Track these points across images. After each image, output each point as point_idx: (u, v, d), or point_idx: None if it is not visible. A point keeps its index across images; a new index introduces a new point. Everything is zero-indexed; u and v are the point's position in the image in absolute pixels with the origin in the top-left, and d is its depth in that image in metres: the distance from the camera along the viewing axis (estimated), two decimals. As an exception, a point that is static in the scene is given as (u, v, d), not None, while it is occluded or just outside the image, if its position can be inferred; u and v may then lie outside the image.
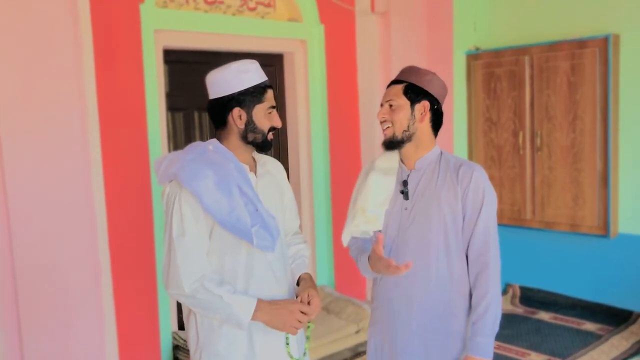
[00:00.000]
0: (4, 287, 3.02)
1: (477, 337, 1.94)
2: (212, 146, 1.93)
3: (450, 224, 1.97)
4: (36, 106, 3.04)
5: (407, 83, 2.01)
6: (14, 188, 2.98)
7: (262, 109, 1.92)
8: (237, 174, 1.87)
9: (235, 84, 1.88)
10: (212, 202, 1.80)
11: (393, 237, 2.05)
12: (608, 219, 4.37)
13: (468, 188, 1.95)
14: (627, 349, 3.96)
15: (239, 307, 1.81)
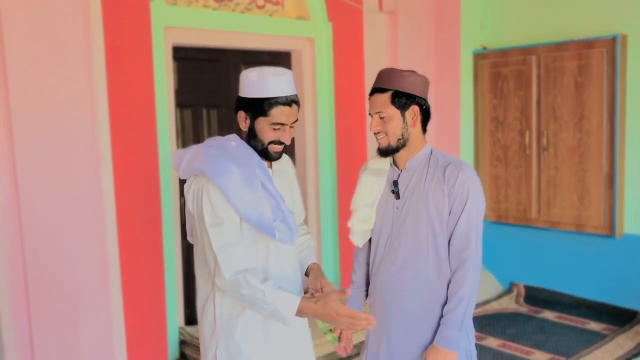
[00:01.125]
0: (15, 281, 3.06)
1: (445, 329, 1.99)
2: (235, 142, 1.96)
3: (437, 222, 2.01)
4: (47, 101, 3.08)
5: (392, 91, 2.01)
6: (25, 182, 3.02)
7: (265, 123, 1.92)
8: (259, 171, 1.91)
9: (249, 90, 1.91)
10: (237, 197, 1.84)
11: (388, 234, 2.11)
12: (614, 219, 4.38)
13: (454, 187, 1.99)
14: (632, 348, 3.97)
15: (283, 306, 1.80)
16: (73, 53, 3.15)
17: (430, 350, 2.01)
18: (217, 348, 1.96)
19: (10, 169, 3.01)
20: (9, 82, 2.95)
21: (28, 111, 3.02)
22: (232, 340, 1.93)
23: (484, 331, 4.33)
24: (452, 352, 2.00)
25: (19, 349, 3.10)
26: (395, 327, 2.10)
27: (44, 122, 3.07)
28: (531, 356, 3.90)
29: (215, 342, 1.96)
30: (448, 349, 1.99)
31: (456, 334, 2.00)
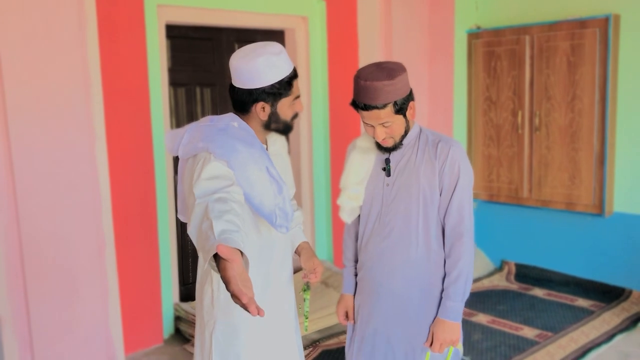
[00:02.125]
0: (11, 260, 3.09)
1: (447, 302, 2.06)
2: (237, 123, 1.90)
3: (429, 198, 2.06)
4: (41, 80, 3.08)
5: (392, 103, 1.99)
6: (20, 161, 3.04)
7: (288, 102, 1.91)
8: (265, 155, 1.87)
9: (261, 80, 1.83)
10: (243, 178, 1.79)
11: (378, 211, 2.15)
12: (603, 198, 4.44)
13: (445, 163, 2.03)
14: (618, 324, 4.05)
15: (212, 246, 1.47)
16: (66, 31, 3.15)
17: (437, 324, 2.08)
18: (214, 327, 1.98)
19: (5, 149, 3.03)
20: (2, 61, 2.95)
21: (21, 90, 3.02)
22: (230, 322, 1.95)
23: (474, 308, 4.40)
24: (457, 323, 2.08)
25: (16, 326, 3.14)
26: (383, 302, 2.15)
27: (37, 101, 3.08)
28: (519, 331, 3.98)
29: (213, 321, 1.98)
30: (453, 321, 2.06)
31: (459, 305, 2.07)
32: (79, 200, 3.29)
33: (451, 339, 2.08)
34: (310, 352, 3.71)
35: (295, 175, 4.78)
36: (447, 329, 2.07)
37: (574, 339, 3.85)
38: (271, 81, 1.84)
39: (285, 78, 1.87)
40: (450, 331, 2.07)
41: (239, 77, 1.87)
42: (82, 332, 3.34)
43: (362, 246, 2.23)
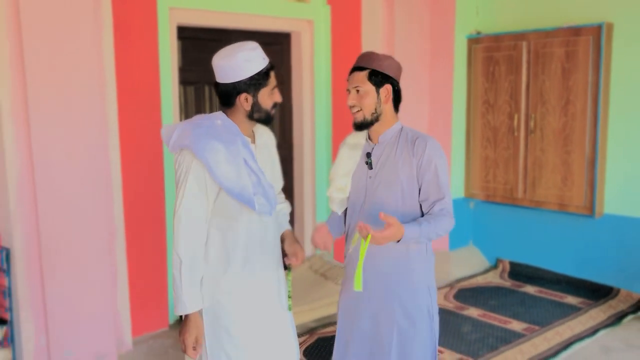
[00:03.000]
0: (29, 242, 3.31)
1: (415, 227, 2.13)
2: (221, 120, 2.14)
3: (407, 191, 2.25)
4: (60, 77, 3.30)
5: (370, 69, 2.25)
6: (39, 152, 3.26)
7: (267, 91, 2.16)
8: (243, 149, 2.11)
9: (242, 73, 2.09)
10: (221, 173, 2.04)
11: (362, 201, 2.35)
12: (594, 200, 4.61)
13: (422, 159, 2.23)
14: (603, 320, 4.22)
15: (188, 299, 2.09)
16: (84, 32, 3.36)
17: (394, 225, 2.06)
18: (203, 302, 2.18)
19: (26, 141, 3.25)
20: (25, 59, 3.17)
21: (42, 87, 3.24)
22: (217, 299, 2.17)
23: (466, 302, 4.59)
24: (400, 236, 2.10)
25: (33, 307, 3.36)
26: (368, 285, 2.35)
27: (56, 97, 3.30)
28: (508, 325, 4.16)
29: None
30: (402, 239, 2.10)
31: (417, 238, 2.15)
32: (93, 191, 3.50)
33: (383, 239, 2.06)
34: (307, 338, 3.91)
35: (297, 172, 5.01)
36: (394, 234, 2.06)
37: (559, 332, 4.02)
38: (250, 73, 2.10)
39: (262, 70, 2.12)
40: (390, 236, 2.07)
41: (222, 74, 2.13)
42: (93, 315, 3.56)
43: (348, 234, 2.43)
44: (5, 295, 3.18)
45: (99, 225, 3.54)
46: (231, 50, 2.12)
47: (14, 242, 3.26)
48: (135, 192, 3.85)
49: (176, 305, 2.12)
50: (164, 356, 3.76)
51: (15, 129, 3.22)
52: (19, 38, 3.17)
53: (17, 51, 3.18)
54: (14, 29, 3.16)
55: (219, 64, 2.12)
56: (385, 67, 2.26)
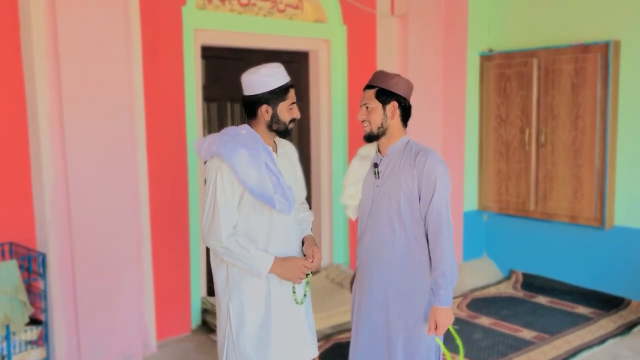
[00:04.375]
0: (62, 252, 3.54)
1: (441, 291, 2.41)
2: (245, 130, 2.41)
3: (407, 202, 2.42)
4: (93, 94, 3.56)
5: (377, 88, 2.46)
6: (73, 165, 3.50)
7: (285, 106, 2.41)
8: (264, 153, 2.36)
9: (264, 86, 2.36)
10: (245, 174, 2.30)
11: (369, 208, 2.55)
12: (604, 212, 4.72)
13: (422, 172, 2.39)
14: (613, 329, 4.32)
15: (261, 261, 2.34)
16: (115, 53, 3.62)
17: (436, 312, 2.40)
18: (230, 299, 2.41)
19: (61, 154, 3.50)
20: (62, 78, 3.43)
21: (76, 103, 3.50)
22: (242, 299, 2.40)
23: (479, 311, 4.72)
24: (450, 308, 2.42)
25: (65, 310, 3.58)
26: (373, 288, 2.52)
27: (88, 112, 3.55)
28: (518, 333, 4.28)
29: (229, 293, 2.41)
30: (447, 306, 2.41)
31: (450, 293, 2.41)
32: (121, 200, 3.73)
33: (450, 321, 2.43)
34: (323, 344, 4.07)
35: (315, 184, 5.21)
36: (445, 314, 2.41)
37: (568, 341, 4.13)
38: (271, 87, 2.37)
39: (282, 85, 2.39)
40: (447, 315, 2.41)
41: (247, 87, 2.41)
42: (120, 318, 3.77)
43: (358, 239, 2.62)
44: (41, 297, 3.41)
45: (127, 233, 3.77)
46: (257, 67, 2.41)
47: (49, 247, 3.50)
48: (161, 202, 4.07)
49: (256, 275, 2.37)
50: (187, 359, 3.94)
51: (51, 142, 3.48)
52: (56, 59, 3.43)
53: (55, 71, 3.44)
54: (52, 50, 3.43)
55: (246, 78, 2.40)
56: (392, 86, 2.46)
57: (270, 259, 2.35)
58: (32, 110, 3.49)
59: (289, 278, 2.39)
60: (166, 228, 4.14)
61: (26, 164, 3.55)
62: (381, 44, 5.22)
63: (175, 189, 4.19)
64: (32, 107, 3.47)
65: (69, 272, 3.59)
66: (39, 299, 3.42)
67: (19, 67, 3.49)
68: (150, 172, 3.99)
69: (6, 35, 3.43)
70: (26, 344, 3.37)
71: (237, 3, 4.48)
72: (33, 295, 3.43)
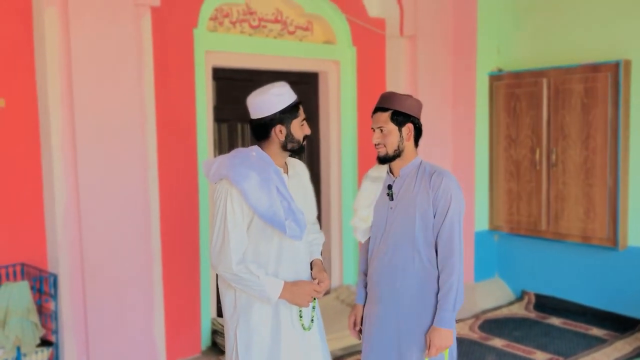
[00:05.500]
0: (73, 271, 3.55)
1: (441, 312, 2.38)
2: (255, 152, 2.36)
3: (423, 223, 2.41)
4: (105, 115, 3.59)
5: (392, 110, 2.43)
6: (85, 184, 3.53)
7: (298, 123, 2.38)
8: (275, 177, 2.32)
9: (276, 106, 2.32)
10: (255, 199, 2.26)
11: (382, 230, 2.51)
12: (617, 232, 4.68)
13: (438, 192, 2.39)
14: (629, 352, 4.24)
15: (271, 287, 2.30)
16: (128, 74, 3.66)
17: (432, 332, 2.38)
18: (237, 325, 2.37)
19: (73, 174, 3.52)
20: (74, 100, 3.47)
21: (89, 123, 3.53)
22: (249, 325, 2.35)
23: (491, 333, 4.66)
24: (450, 330, 2.39)
25: (76, 329, 3.58)
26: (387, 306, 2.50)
27: (101, 132, 3.58)
28: (532, 355, 4.22)
29: (237, 319, 2.37)
30: (447, 328, 2.38)
31: (450, 315, 2.39)
32: (133, 221, 3.74)
33: (446, 344, 2.40)
34: (334, 366, 4.03)
35: (325, 204, 5.20)
36: (443, 336, 2.37)
37: (583, 363, 4.07)
38: (282, 106, 2.34)
39: (292, 103, 2.36)
40: (445, 337, 2.38)
41: (256, 110, 2.37)
42: (130, 339, 3.76)
43: (370, 262, 2.59)
44: (52, 318, 3.40)
45: (137, 254, 3.77)
46: (263, 89, 2.38)
47: (60, 268, 3.51)
48: (171, 222, 4.08)
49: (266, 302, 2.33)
50: (197, 381, 3.92)
51: (64, 162, 3.51)
52: (69, 79, 3.48)
53: (67, 91, 3.49)
54: (66, 71, 3.47)
55: (254, 102, 2.37)
56: (407, 107, 2.44)
57: (281, 284, 2.31)
58: (44, 131, 3.52)
59: (297, 303, 2.35)
60: (177, 249, 4.13)
61: (38, 185, 3.58)
62: (390, 64, 5.25)
63: (186, 210, 4.20)
64: (45, 129, 3.51)
65: (79, 293, 3.59)
66: (50, 320, 3.42)
67: (33, 87, 3.53)
68: (161, 192, 4.00)
69: (21, 56, 3.48)
70: (36, 366, 3.36)
71: (248, 25, 4.52)
72: (44, 317, 3.42)
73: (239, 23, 4.48)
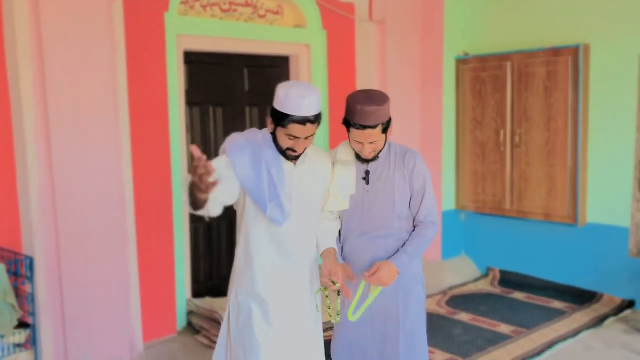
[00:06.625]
0: (49, 253, 3.58)
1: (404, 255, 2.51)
2: (262, 135, 2.39)
3: (402, 200, 2.58)
4: (78, 99, 3.60)
5: (382, 125, 2.44)
6: (58, 168, 3.54)
7: (283, 133, 2.29)
8: (270, 158, 2.33)
9: (277, 103, 2.28)
10: (243, 173, 2.30)
11: (360, 212, 2.59)
12: (577, 210, 4.89)
13: (413, 172, 2.56)
14: (586, 322, 4.48)
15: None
16: (100, 59, 3.67)
17: (385, 265, 2.46)
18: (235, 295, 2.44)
19: (47, 159, 3.53)
20: (47, 83, 3.48)
21: (62, 108, 3.54)
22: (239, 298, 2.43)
23: (458, 308, 4.85)
24: (397, 273, 2.48)
25: (52, 313, 3.62)
26: None
27: (74, 116, 3.60)
28: (496, 328, 4.42)
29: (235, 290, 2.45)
30: (398, 268, 2.48)
31: (408, 261, 2.52)
32: (107, 204, 3.78)
33: (387, 282, 2.46)
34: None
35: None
36: (391, 273, 2.46)
37: (544, 334, 4.28)
38: (279, 108, 2.27)
39: (288, 116, 2.24)
40: (390, 276, 2.46)
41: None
42: (107, 321, 3.80)
43: (344, 239, 2.66)
44: (29, 300, 3.44)
45: (113, 236, 3.81)
46: (292, 83, 2.33)
47: (36, 251, 3.53)
48: (145, 205, 4.13)
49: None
50: (173, 360, 4.00)
51: (37, 146, 3.52)
52: (40, 64, 3.48)
53: (39, 76, 3.49)
54: (37, 56, 3.47)
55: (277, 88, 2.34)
56: (387, 113, 2.45)
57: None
58: (17, 115, 3.52)
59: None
60: (151, 231, 4.19)
61: (12, 169, 3.59)
62: (360, 48, 5.34)
63: (160, 192, 4.25)
64: (17, 112, 3.51)
65: (55, 275, 3.62)
66: (26, 303, 3.45)
67: (3, 72, 3.52)
68: (135, 175, 4.04)
69: (-9, 41, 3.47)
70: (14, 347, 3.40)
71: (219, 9, 4.55)
72: (21, 299, 3.46)
73: (210, 7, 4.50)
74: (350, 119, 2.45)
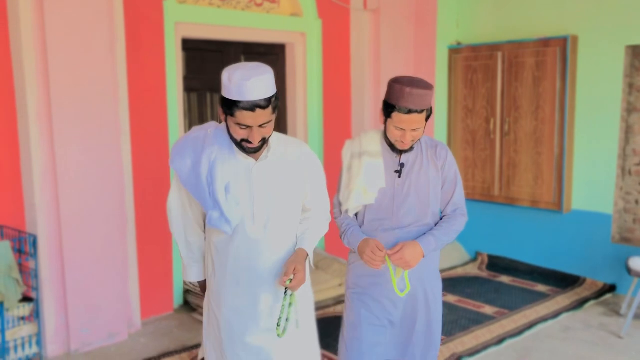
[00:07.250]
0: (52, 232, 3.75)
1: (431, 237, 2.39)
2: (212, 130, 2.12)
3: (435, 192, 2.47)
4: (79, 84, 3.74)
5: (427, 111, 2.32)
6: (60, 151, 3.69)
7: (232, 122, 2.00)
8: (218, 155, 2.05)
9: (223, 89, 2.00)
10: (186, 180, 2.08)
11: (389, 207, 2.47)
12: (562, 197, 5.05)
13: (445, 163, 2.47)
14: (567, 305, 4.65)
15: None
16: (100, 46, 3.81)
17: (410, 245, 2.34)
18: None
19: (49, 140, 3.69)
20: (49, 69, 3.62)
21: (63, 91, 3.69)
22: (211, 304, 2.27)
23: (445, 290, 4.94)
24: (422, 255, 2.36)
25: (54, 287, 3.79)
26: None
27: (76, 100, 3.74)
28: (481, 309, 4.59)
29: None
30: (424, 251, 2.36)
31: (435, 244, 2.39)
32: (107, 184, 3.93)
33: (412, 263, 2.33)
34: (298, 320, 4.33)
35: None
36: (416, 254, 2.34)
37: (526, 315, 4.45)
38: (225, 95, 2.00)
39: (234, 102, 1.96)
40: (416, 256, 2.34)
41: None
42: (106, 297, 3.98)
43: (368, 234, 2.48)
44: (32, 276, 3.62)
45: (112, 216, 3.97)
46: (238, 66, 2.04)
47: (39, 229, 3.70)
48: (144, 186, 4.29)
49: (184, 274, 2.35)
50: (170, 336, 4.17)
51: (40, 129, 3.67)
52: (44, 51, 3.62)
53: (43, 61, 3.63)
54: (40, 42, 3.61)
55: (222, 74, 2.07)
56: (432, 100, 2.33)
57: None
58: (20, 97, 3.67)
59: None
60: (149, 212, 4.35)
61: (15, 151, 3.74)
62: (355, 37, 5.46)
63: (158, 174, 4.40)
64: (21, 95, 3.66)
65: (57, 253, 3.79)
66: (30, 278, 3.63)
67: (7, 56, 3.66)
68: (134, 157, 4.20)
69: (-4, 28, 3.61)
70: (19, 320, 3.59)
71: (217, -3, 4.68)
72: (25, 275, 3.63)
73: (208, -5, 4.63)
74: (396, 102, 2.30)
